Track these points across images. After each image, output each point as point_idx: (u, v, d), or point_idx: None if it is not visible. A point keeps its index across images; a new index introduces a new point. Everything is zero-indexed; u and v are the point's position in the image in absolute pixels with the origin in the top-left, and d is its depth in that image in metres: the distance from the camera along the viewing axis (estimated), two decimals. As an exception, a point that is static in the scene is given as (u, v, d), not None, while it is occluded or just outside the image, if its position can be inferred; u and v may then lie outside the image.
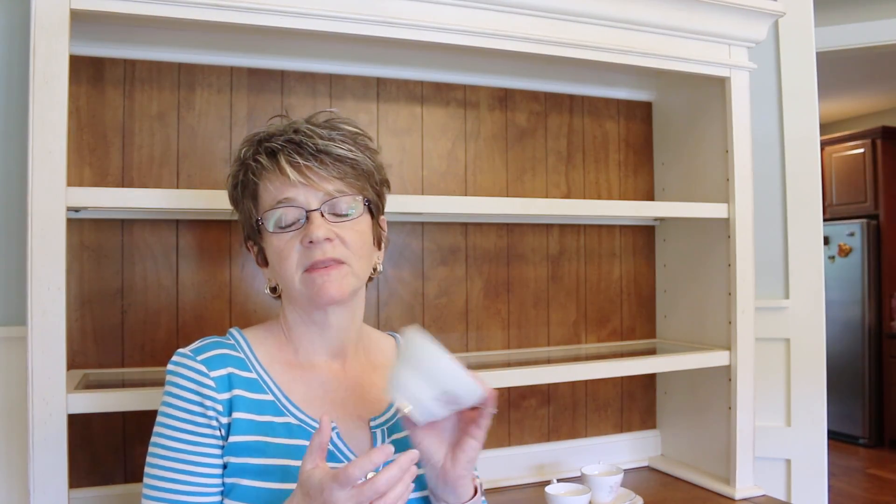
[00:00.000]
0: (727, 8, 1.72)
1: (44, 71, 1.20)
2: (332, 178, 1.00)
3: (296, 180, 0.98)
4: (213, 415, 0.95)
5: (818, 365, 2.22)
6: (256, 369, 1.02)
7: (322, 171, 0.99)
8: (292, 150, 0.99)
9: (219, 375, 0.97)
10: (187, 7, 1.29)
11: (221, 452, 0.96)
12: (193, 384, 0.96)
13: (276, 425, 0.98)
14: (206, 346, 1.01)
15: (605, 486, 1.63)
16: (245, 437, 0.96)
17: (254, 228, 1.04)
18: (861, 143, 5.43)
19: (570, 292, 1.98)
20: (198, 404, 0.96)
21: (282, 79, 1.68)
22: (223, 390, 0.97)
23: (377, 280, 1.76)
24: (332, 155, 1.00)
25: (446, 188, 1.83)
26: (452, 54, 1.68)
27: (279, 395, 1.01)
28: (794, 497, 2.18)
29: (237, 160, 1.06)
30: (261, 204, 1.02)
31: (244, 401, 0.97)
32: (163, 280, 1.56)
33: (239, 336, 1.05)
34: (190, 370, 0.97)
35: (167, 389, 0.99)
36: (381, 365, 1.11)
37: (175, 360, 1.00)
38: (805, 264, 2.23)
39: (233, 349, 1.02)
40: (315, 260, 0.98)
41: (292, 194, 0.99)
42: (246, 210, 1.05)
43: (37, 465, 1.18)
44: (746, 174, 1.80)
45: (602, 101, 2.04)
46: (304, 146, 0.99)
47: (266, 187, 1.00)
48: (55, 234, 1.20)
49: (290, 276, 1.00)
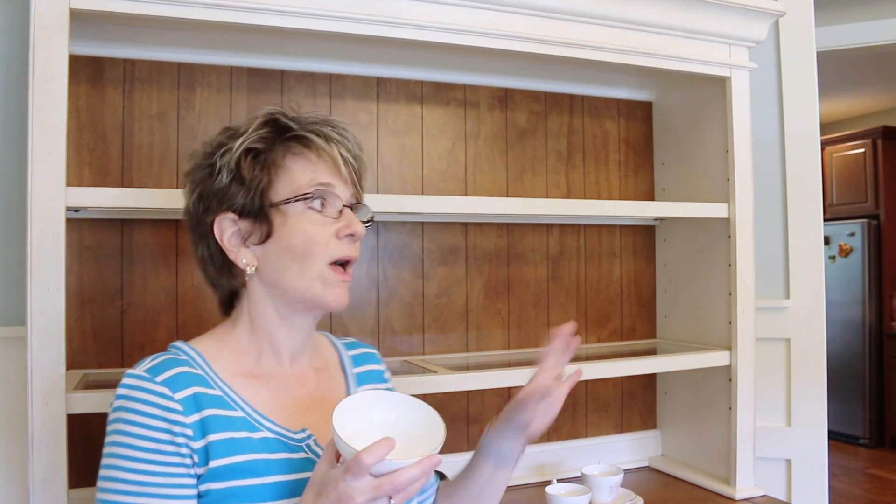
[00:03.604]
0: (727, 8, 1.72)
1: (43, 71, 1.19)
2: (355, 182, 1.01)
3: (344, 174, 0.97)
4: (183, 441, 0.86)
5: (818, 365, 2.22)
6: (219, 385, 0.93)
7: (354, 173, 1.00)
8: (341, 143, 0.98)
9: (184, 397, 0.88)
10: (187, 7, 1.29)
11: (195, 482, 0.87)
12: (157, 409, 0.86)
13: (253, 441, 0.91)
14: (160, 366, 0.90)
15: (606, 486, 1.63)
16: (228, 459, 0.88)
17: (270, 202, 0.94)
18: (861, 142, 5.43)
19: (570, 292, 1.98)
20: (164, 431, 0.85)
21: (282, 79, 1.68)
22: (190, 413, 0.87)
23: (377, 280, 1.76)
24: (359, 160, 1.01)
25: (446, 188, 1.83)
26: (452, 54, 1.68)
27: (248, 410, 0.93)
28: (795, 497, 2.18)
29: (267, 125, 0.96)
30: (292, 179, 0.95)
31: (218, 420, 0.89)
32: (163, 280, 1.56)
33: (191, 350, 0.96)
34: (150, 394, 0.86)
35: (121, 416, 0.86)
36: (323, 367, 1.09)
37: (128, 384, 0.88)
38: (805, 264, 2.23)
39: (189, 366, 0.92)
40: (349, 255, 0.97)
41: (335, 182, 0.97)
42: (262, 181, 0.94)
43: (36, 465, 1.18)
44: (747, 174, 1.80)
45: (602, 100, 2.04)
46: (350, 143, 0.99)
47: (309, 165, 0.96)
48: (55, 234, 1.20)
49: (311, 264, 0.94)
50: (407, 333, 1.78)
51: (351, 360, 1.13)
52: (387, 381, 1.17)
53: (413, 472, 0.78)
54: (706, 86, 1.85)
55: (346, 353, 1.14)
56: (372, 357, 1.17)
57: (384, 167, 1.77)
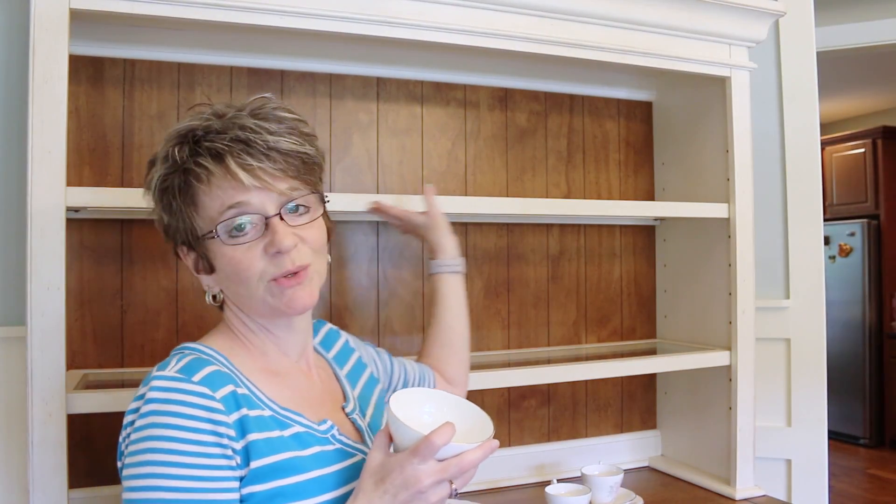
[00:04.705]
0: (727, 8, 1.72)
1: (43, 71, 1.19)
2: (285, 177, 0.91)
3: (250, 185, 0.87)
4: (227, 443, 0.83)
5: (818, 365, 2.22)
6: (245, 383, 0.91)
7: (275, 170, 0.89)
8: (241, 151, 0.88)
9: (223, 395, 0.84)
10: (187, 7, 1.28)
11: (238, 486, 0.84)
12: (200, 410, 0.82)
13: (286, 439, 0.89)
14: (192, 365, 0.86)
15: (606, 486, 1.63)
16: (268, 458, 0.86)
17: (198, 238, 0.92)
18: (861, 143, 5.43)
19: (570, 292, 1.98)
20: (210, 433, 0.82)
21: (282, 79, 1.68)
22: (231, 412, 0.84)
23: (377, 280, 1.76)
24: (281, 151, 0.90)
25: (446, 188, 1.83)
26: (452, 54, 1.68)
27: (275, 408, 0.92)
28: (795, 497, 2.18)
29: (167, 161, 0.91)
30: (204, 211, 0.90)
31: (251, 420, 0.87)
32: (162, 280, 1.56)
33: (209, 349, 0.93)
34: (189, 394, 0.82)
35: (157, 421, 0.81)
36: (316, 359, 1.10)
37: (161, 386, 0.83)
38: (805, 264, 2.23)
39: (217, 364, 0.89)
40: (285, 270, 0.90)
41: (245, 198, 0.88)
42: (185, 217, 0.92)
43: (36, 465, 1.17)
44: (747, 174, 1.80)
45: (602, 100, 2.04)
46: (254, 144, 0.88)
47: (213, 193, 0.89)
48: (55, 234, 1.20)
49: (251, 288, 0.91)
50: (407, 333, 1.78)
51: (322, 346, 1.15)
52: (354, 351, 1.19)
53: (476, 455, 0.83)
54: (706, 86, 1.85)
55: (314, 342, 1.13)
56: (332, 334, 1.19)
57: (384, 167, 1.77)
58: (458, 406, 0.96)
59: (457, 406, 0.95)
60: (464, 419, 0.92)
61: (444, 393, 0.98)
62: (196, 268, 0.97)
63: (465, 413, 0.94)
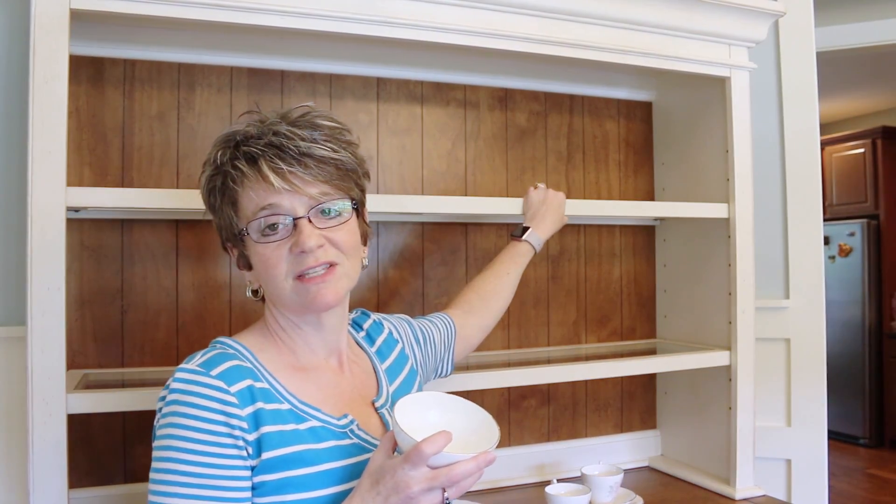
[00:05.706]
0: (727, 8, 1.72)
1: (44, 71, 1.19)
2: (316, 182, 0.96)
3: (280, 187, 0.93)
4: (239, 434, 0.89)
5: (818, 365, 2.22)
6: (266, 378, 0.97)
7: (306, 175, 0.95)
8: (273, 155, 0.94)
9: (238, 389, 0.91)
10: (187, 7, 1.29)
11: (250, 474, 0.90)
12: (214, 402, 0.89)
13: (301, 432, 0.94)
14: (213, 360, 0.93)
15: (605, 486, 1.63)
16: (280, 450, 0.91)
17: (235, 235, 1.00)
18: (861, 143, 5.43)
19: (570, 292, 1.98)
20: (223, 424, 0.88)
21: (282, 79, 1.68)
22: (245, 405, 0.91)
23: (377, 280, 1.76)
24: (315, 157, 0.96)
25: (446, 188, 1.83)
26: (452, 54, 1.68)
27: (295, 402, 0.97)
28: (795, 497, 2.18)
29: (212, 164, 1.00)
30: (242, 211, 0.97)
31: (267, 413, 0.92)
32: (163, 280, 1.56)
33: (237, 345, 1.00)
34: (206, 387, 0.89)
35: (176, 410, 0.89)
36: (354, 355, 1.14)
37: (184, 378, 0.91)
38: (805, 264, 2.23)
39: (238, 359, 0.96)
40: (307, 266, 0.95)
41: (276, 200, 0.95)
42: (226, 216, 1.00)
43: (36, 465, 1.18)
44: (746, 174, 1.80)
45: (602, 101, 2.04)
46: (286, 150, 0.94)
47: (247, 194, 0.96)
48: (55, 234, 1.20)
49: (279, 285, 0.97)
50: (407, 333, 1.78)
51: (365, 340, 1.19)
52: (397, 343, 1.22)
53: (468, 466, 0.83)
54: (706, 86, 1.85)
55: (358, 336, 1.19)
56: (376, 327, 1.22)
57: (384, 167, 1.77)
58: (468, 412, 0.96)
59: (465, 412, 0.96)
60: (471, 426, 0.93)
61: (456, 398, 0.98)
62: (238, 264, 1.05)
63: (474, 420, 0.95)
